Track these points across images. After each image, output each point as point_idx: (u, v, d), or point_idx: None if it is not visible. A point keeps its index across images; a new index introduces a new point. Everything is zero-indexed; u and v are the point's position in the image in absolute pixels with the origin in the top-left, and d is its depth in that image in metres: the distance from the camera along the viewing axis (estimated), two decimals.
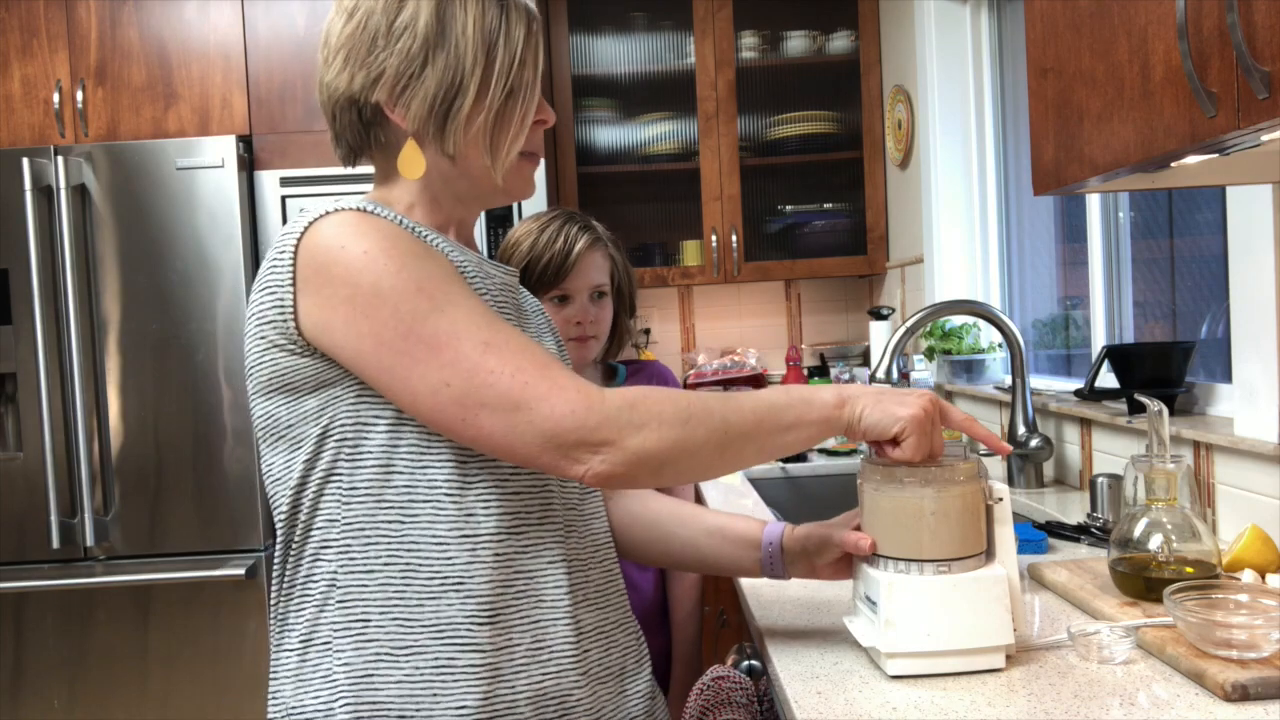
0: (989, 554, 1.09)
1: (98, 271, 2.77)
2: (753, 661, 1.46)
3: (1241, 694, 0.98)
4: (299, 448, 0.98)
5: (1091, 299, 2.22)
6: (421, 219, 1.06)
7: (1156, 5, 0.98)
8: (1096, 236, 2.20)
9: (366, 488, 0.97)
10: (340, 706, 0.96)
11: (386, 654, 0.96)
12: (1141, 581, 1.23)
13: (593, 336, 1.69)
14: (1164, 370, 1.78)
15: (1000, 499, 1.10)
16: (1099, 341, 2.20)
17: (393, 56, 0.99)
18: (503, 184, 1.06)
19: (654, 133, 3.45)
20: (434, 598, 0.96)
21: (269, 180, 2.89)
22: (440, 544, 0.96)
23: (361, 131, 1.05)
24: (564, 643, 1.01)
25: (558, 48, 3.35)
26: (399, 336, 0.91)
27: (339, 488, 0.97)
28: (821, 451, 2.80)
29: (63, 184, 2.73)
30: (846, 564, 1.16)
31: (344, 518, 0.97)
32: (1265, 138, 0.93)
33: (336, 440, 0.97)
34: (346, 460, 0.97)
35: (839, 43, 3.40)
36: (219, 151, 2.78)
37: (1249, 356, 1.49)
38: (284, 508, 1.00)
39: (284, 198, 2.89)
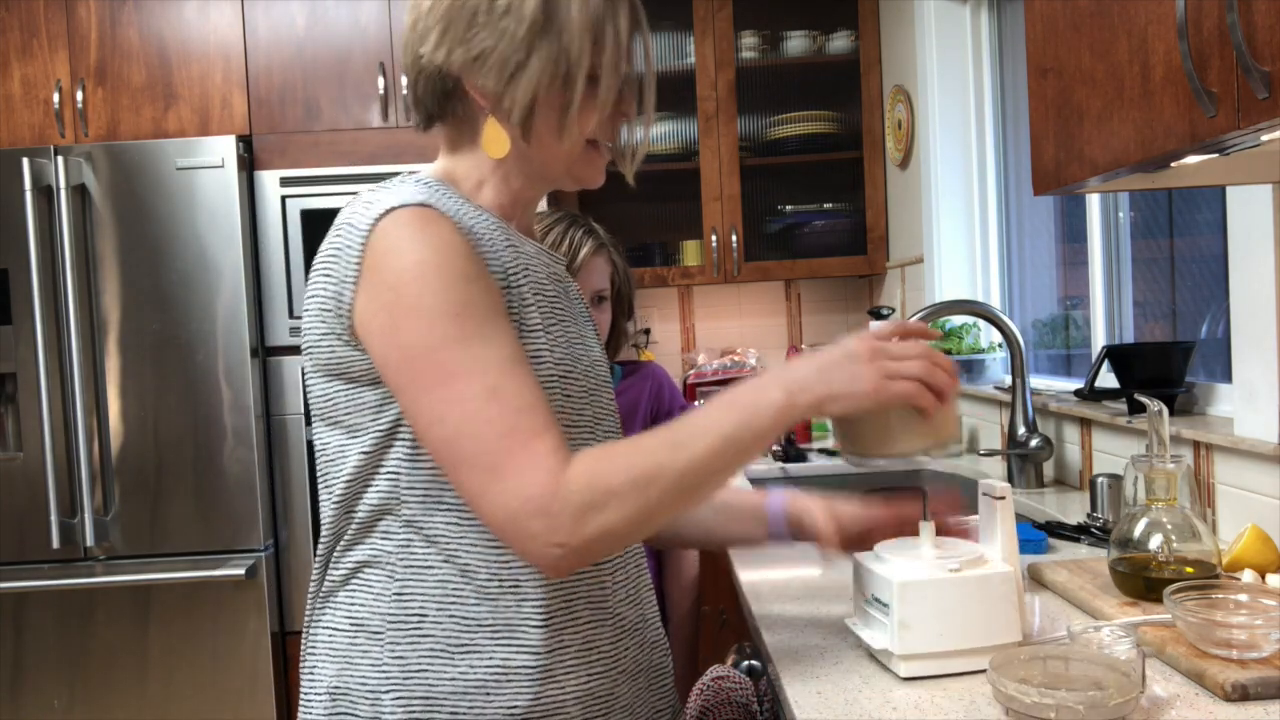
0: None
1: (98, 271, 2.77)
2: (753, 661, 1.46)
3: (1241, 694, 0.98)
4: (356, 437, 0.98)
5: (1091, 299, 2.22)
6: (489, 197, 1.05)
7: (1156, 5, 0.98)
8: (1096, 236, 2.20)
9: (425, 488, 0.97)
10: (390, 697, 0.96)
11: (442, 651, 0.96)
12: (1141, 581, 1.23)
13: None
14: (1164, 370, 1.78)
15: (1002, 497, 1.11)
16: (1099, 341, 2.20)
17: (494, 38, 0.97)
18: (577, 170, 1.06)
19: (654, 133, 3.43)
20: (491, 599, 0.97)
21: (269, 180, 2.89)
22: (498, 547, 0.97)
23: (441, 101, 1.03)
24: (608, 642, 1.03)
25: None
26: (420, 355, 0.90)
27: (399, 485, 0.97)
28: (822, 452, 2.80)
29: (63, 184, 2.73)
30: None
31: (404, 515, 0.97)
32: (1265, 138, 0.93)
33: (401, 439, 0.96)
34: (407, 460, 0.97)
35: (839, 43, 3.40)
36: (219, 151, 2.78)
37: (1249, 356, 1.49)
38: (338, 492, 1.00)
39: (284, 198, 2.89)
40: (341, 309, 0.94)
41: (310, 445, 2.74)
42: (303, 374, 1.04)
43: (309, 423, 1.01)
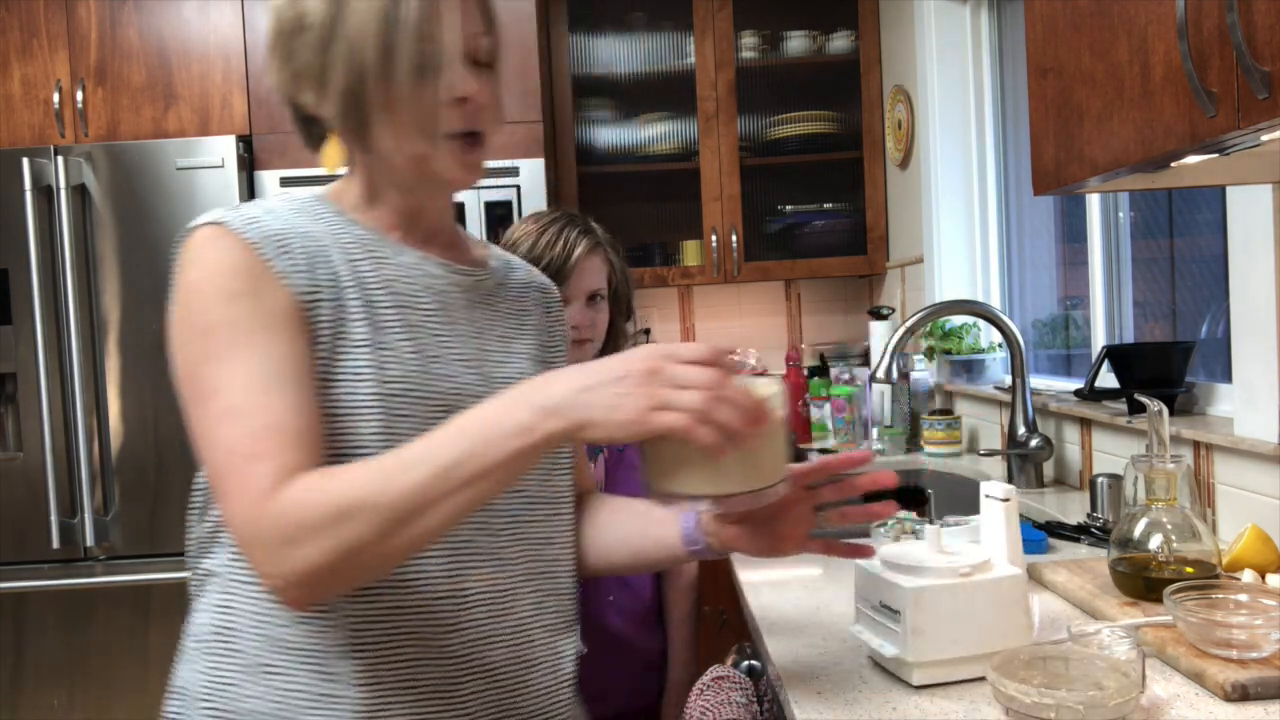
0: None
1: (98, 271, 2.77)
2: (753, 661, 1.46)
3: (1241, 694, 0.98)
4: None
5: (1091, 299, 2.22)
6: (374, 216, 1.03)
7: (1156, 5, 0.98)
8: (1096, 236, 2.20)
9: None
10: (202, 706, 0.96)
11: (250, 668, 0.94)
12: (1141, 581, 1.23)
13: (588, 340, 1.69)
14: (1164, 370, 1.78)
15: (1007, 499, 1.11)
16: (1099, 341, 2.20)
17: (303, 52, 0.96)
18: (435, 170, 0.98)
19: (654, 133, 3.45)
20: (303, 622, 0.93)
21: (269, 180, 2.89)
22: None
23: (303, 125, 1.04)
24: (445, 683, 0.96)
25: (558, 47, 3.35)
26: (183, 373, 0.91)
27: None
28: (822, 451, 2.80)
29: (63, 184, 2.73)
30: (798, 537, 1.04)
31: (229, 538, 0.97)
32: (1265, 138, 0.93)
33: None
34: None
35: (839, 43, 3.40)
36: (219, 151, 2.78)
37: (1249, 356, 1.49)
38: (195, 501, 1.01)
39: None
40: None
41: None
42: None
43: None
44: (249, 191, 2.88)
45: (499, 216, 2.87)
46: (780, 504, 1.01)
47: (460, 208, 2.87)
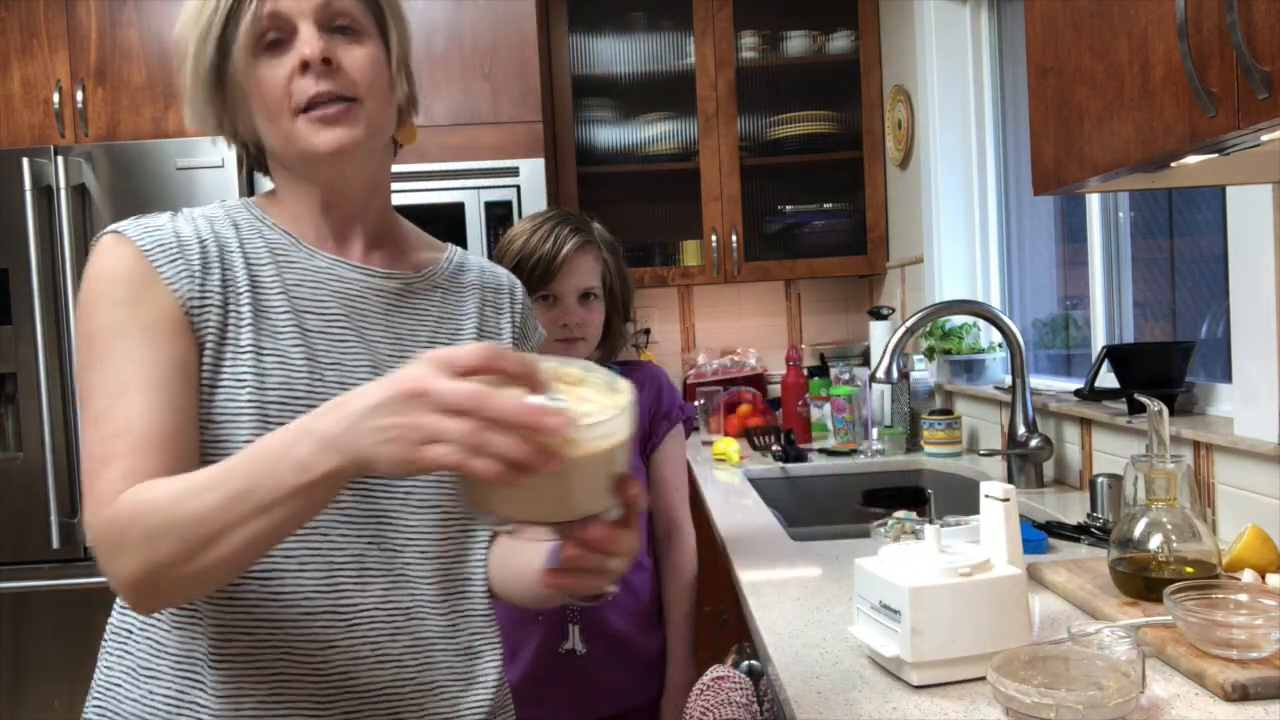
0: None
1: None
2: (753, 661, 1.46)
3: (1241, 694, 0.98)
4: None
5: (1091, 299, 2.22)
6: (291, 218, 1.03)
7: (1156, 5, 0.98)
8: (1096, 236, 2.20)
9: None
10: (93, 704, 0.98)
11: (133, 670, 0.95)
12: (1141, 581, 1.23)
13: (580, 338, 1.69)
14: (1164, 370, 1.78)
15: (1007, 499, 1.11)
16: (1099, 341, 2.20)
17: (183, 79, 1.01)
18: (293, 148, 0.97)
19: (654, 133, 3.45)
20: (180, 628, 0.93)
21: (269, 180, 2.89)
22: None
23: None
24: (309, 699, 0.92)
25: (557, 47, 3.35)
26: (77, 377, 0.91)
27: None
28: (822, 452, 2.80)
29: (63, 184, 2.73)
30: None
31: None
32: (1265, 138, 0.93)
33: None
34: None
35: (839, 43, 3.40)
36: (219, 151, 2.77)
37: (1249, 356, 1.49)
38: None
39: None
40: None
41: None
42: None
43: None
44: (249, 191, 2.88)
45: (499, 216, 2.87)
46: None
47: (460, 207, 2.87)
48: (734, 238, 3.34)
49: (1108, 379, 1.90)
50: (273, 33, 0.95)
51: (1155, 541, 1.24)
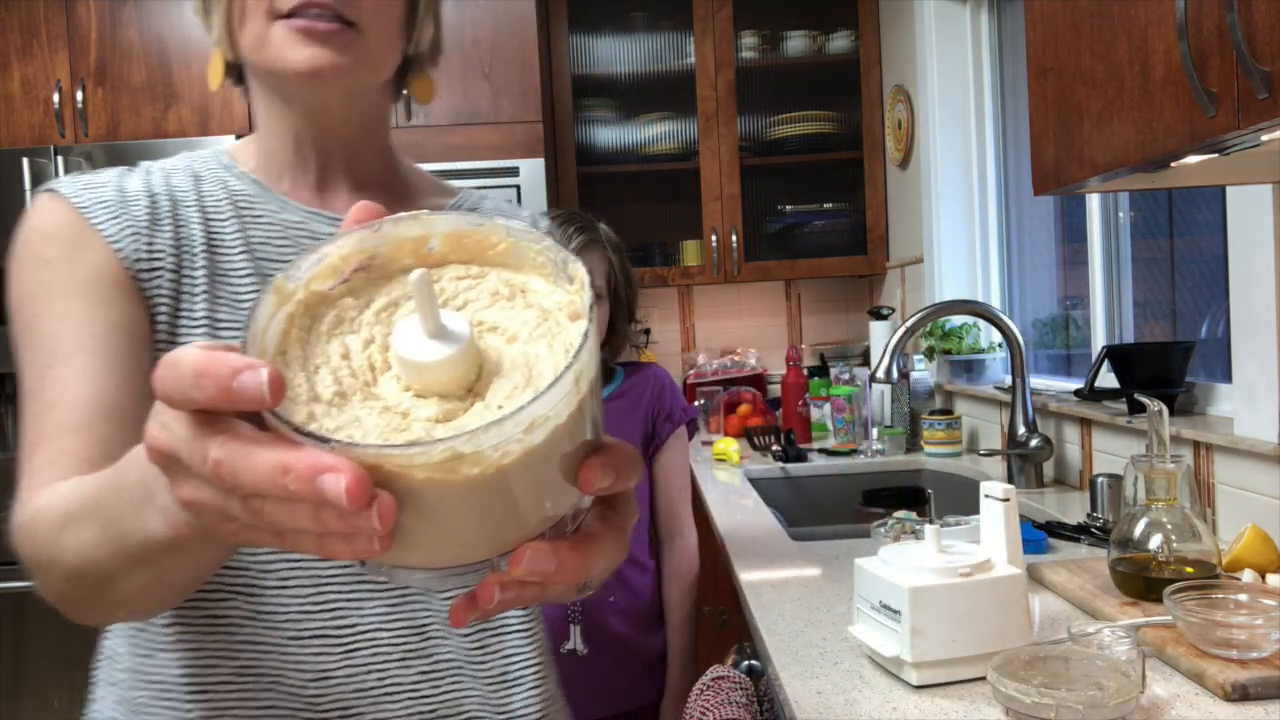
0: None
1: None
2: (753, 661, 1.46)
3: (1241, 694, 0.98)
4: None
5: (1091, 299, 2.22)
6: (265, 162, 0.87)
7: (1156, 5, 0.98)
8: (1096, 236, 2.20)
9: None
10: None
11: (123, 702, 0.84)
12: (1141, 581, 1.23)
13: None
14: (1164, 370, 1.78)
15: (1007, 499, 1.11)
16: (1099, 341, 2.20)
17: None
18: (259, 59, 0.80)
19: (654, 133, 3.45)
20: (164, 650, 0.82)
21: None
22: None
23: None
24: (258, 703, 0.80)
25: (557, 48, 3.35)
26: (16, 348, 0.77)
27: None
28: (822, 452, 2.80)
29: None
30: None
31: None
32: (1265, 138, 0.93)
33: None
34: None
35: (839, 43, 3.40)
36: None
37: (1249, 356, 1.49)
38: None
39: None
40: None
41: None
42: None
43: None
44: None
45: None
46: None
47: None
48: (734, 238, 3.34)
49: (1108, 379, 1.90)
50: None
51: (1155, 541, 1.24)
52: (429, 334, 0.40)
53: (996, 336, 2.72)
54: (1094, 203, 2.20)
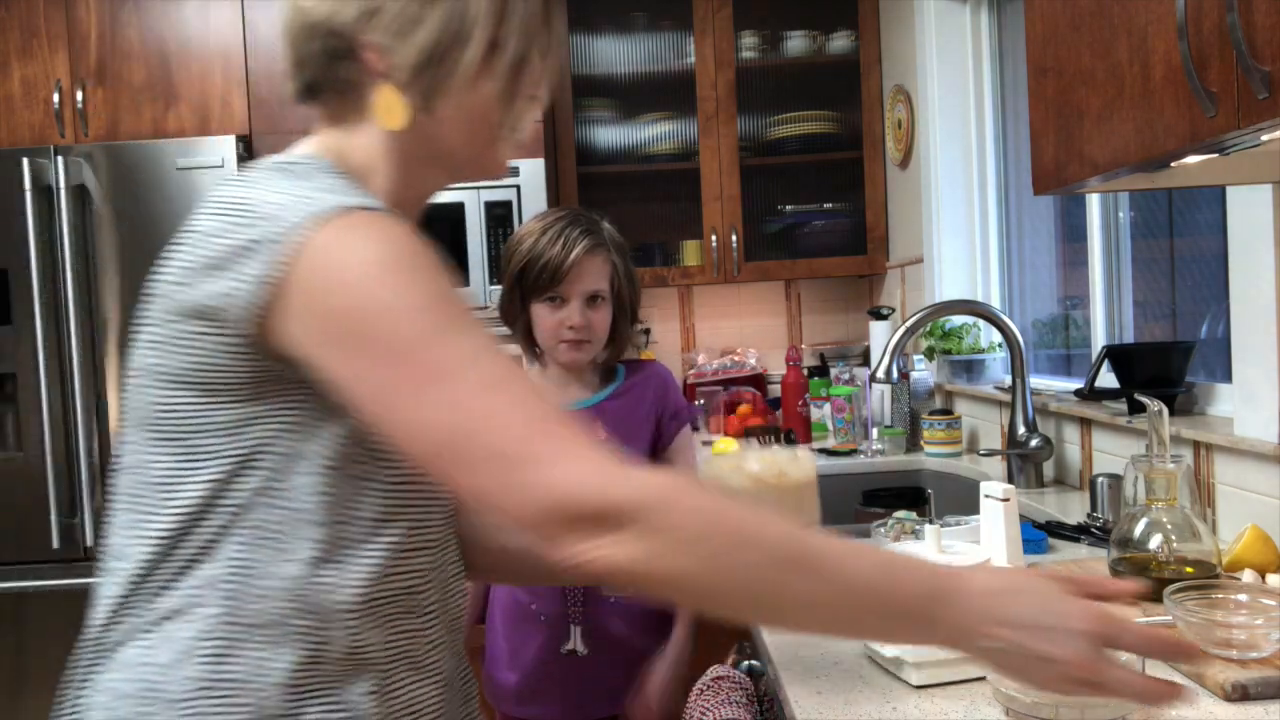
0: None
1: (98, 271, 2.77)
2: (753, 661, 1.46)
3: (1241, 694, 0.98)
4: (199, 462, 0.83)
5: (1091, 299, 2.22)
6: (380, 184, 0.91)
7: (1156, 5, 0.98)
8: (1096, 236, 2.20)
9: (277, 533, 0.83)
10: None
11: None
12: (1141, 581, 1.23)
13: (586, 341, 1.68)
14: (1164, 370, 1.78)
15: (1007, 499, 1.11)
16: (1099, 341, 2.20)
17: None
18: (483, 157, 0.93)
19: (654, 133, 3.45)
20: (322, 664, 0.84)
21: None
22: (347, 611, 0.85)
23: (326, 65, 0.90)
24: (434, 701, 0.92)
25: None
26: (398, 359, 0.77)
27: (241, 524, 0.83)
28: (822, 451, 2.80)
29: (62, 184, 2.73)
30: None
31: (242, 560, 0.83)
32: (1265, 138, 0.93)
33: (263, 471, 0.83)
34: (261, 495, 0.83)
35: (839, 43, 3.40)
36: (219, 151, 2.78)
37: (1249, 356, 1.49)
38: (163, 524, 0.84)
39: None
40: (243, 313, 0.79)
41: None
42: (130, 376, 0.88)
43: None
44: None
45: (499, 217, 2.87)
46: None
47: (460, 208, 2.87)
48: (734, 238, 3.34)
49: (1108, 379, 1.90)
50: None
51: (1155, 541, 1.24)
52: None
53: (996, 336, 2.72)
54: (1094, 203, 2.20)
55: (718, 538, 0.74)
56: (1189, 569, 1.22)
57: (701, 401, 3.24)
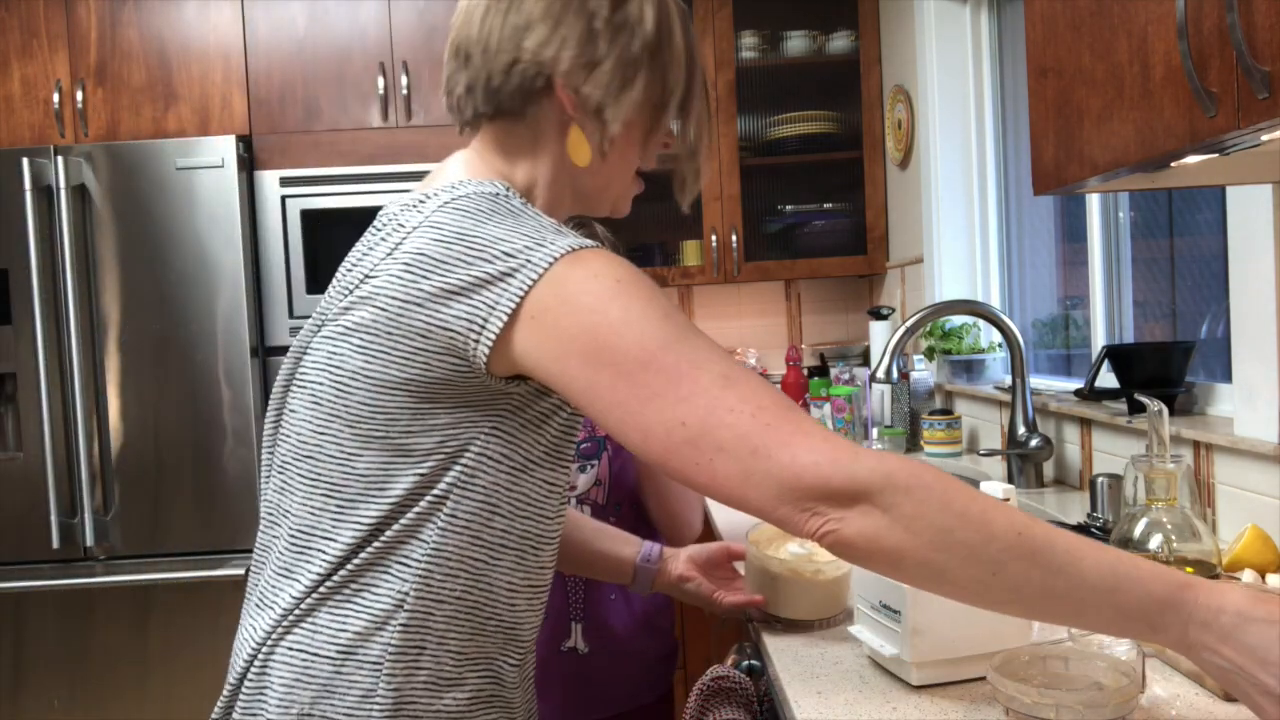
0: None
1: (98, 271, 2.77)
2: (753, 661, 1.46)
3: None
4: (411, 458, 0.93)
5: (1091, 299, 2.22)
6: (537, 207, 1.02)
7: (1156, 5, 0.98)
8: (1096, 236, 2.20)
9: (468, 520, 0.94)
10: None
11: (433, 683, 0.95)
12: None
13: None
14: (1164, 370, 1.78)
15: (1007, 499, 1.11)
16: (1099, 341, 2.20)
17: (609, 48, 0.97)
18: (616, 198, 1.09)
19: None
20: (487, 635, 0.98)
21: (269, 180, 2.89)
22: (512, 590, 0.98)
23: (524, 97, 1.00)
24: (529, 665, 1.07)
25: None
26: (640, 367, 0.85)
27: (442, 513, 0.94)
28: None
29: (63, 184, 2.73)
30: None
31: (435, 542, 0.94)
32: (1265, 138, 0.93)
33: (460, 466, 0.93)
34: (459, 488, 0.93)
35: (839, 43, 3.40)
36: (219, 151, 2.78)
37: (1249, 356, 1.49)
38: (373, 513, 0.94)
39: (284, 198, 2.89)
40: (476, 339, 0.88)
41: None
42: (330, 375, 0.95)
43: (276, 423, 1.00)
44: (249, 191, 2.88)
45: None
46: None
47: None
48: (734, 238, 3.34)
49: (1108, 379, 1.90)
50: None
51: (1155, 541, 1.24)
52: None
53: (996, 336, 2.72)
54: (1094, 203, 2.20)
55: (949, 518, 0.80)
56: (1189, 569, 1.22)
57: None
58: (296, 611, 0.96)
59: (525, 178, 1.03)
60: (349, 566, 0.95)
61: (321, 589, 0.95)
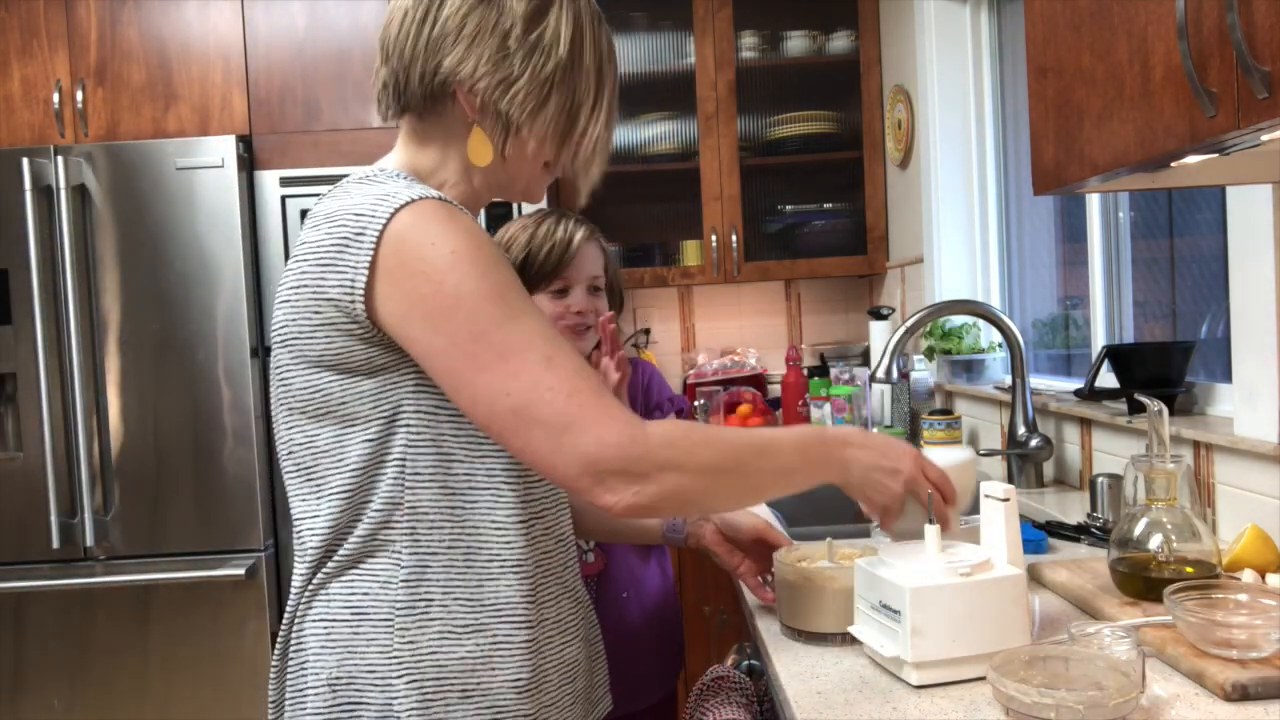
0: None
1: (98, 271, 2.77)
2: (753, 661, 1.46)
3: (1241, 694, 0.98)
4: (354, 427, 1.00)
5: (1091, 299, 2.22)
6: (450, 195, 1.08)
7: (1156, 5, 0.98)
8: (1096, 236, 2.20)
9: (430, 473, 1.00)
10: (403, 681, 0.99)
11: (450, 632, 1.00)
12: (1141, 581, 1.23)
13: (590, 326, 1.70)
14: (1164, 370, 1.78)
15: (1006, 499, 1.11)
16: (1099, 341, 2.20)
17: (521, 68, 1.02)
18: (531, 188, 1.12)
19: (654, 133, 3.45)
20: (493, 578, 1.02)
21: (269, 180, 2.89)
22: (500, 528, 1.02)
23: (427, 100, 1.06)
24: (570, 614, 1.11)
25: None
26: (471, 339, 0.93)
27: (403, 472, 1.00)
28: None
29: (63, 184, 2.73)
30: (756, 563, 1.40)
31: (408, 502, 1.00)
32: (1265, 138, 0.93)
33: (403, 426, 0.99)
34: (411, 446, 0.99)
35: (839, 43, 3.40)
36: (219, 151, 2.78)
37: (1249, 356, 1.49)
38: (339, 483, 1.01)
39: (284, 197, 2.89)
40: (353, 297, 0.95)
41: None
42: (278, 374, 1.04)
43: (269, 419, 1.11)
44: (249, 191, 2.88)
45: (498, 215, 2.87)
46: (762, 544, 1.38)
47: None
48: (734, 238, 3.34)
49: (1108, 379, 1.90)
50: None
51: (1155, 541, 1.24)
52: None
53: (996, 336, 2.72)
54: (1094, 203, 2.20)
55: (719, 460, 0.99)
56: (1189, 569, 1.22)
57: (701, 401, 3.24)
58: (310, 587, 1.04)
59: (435, 167, 1.09)
60: (347, 540, 1.02)
61: (329, 565, 1.03)
